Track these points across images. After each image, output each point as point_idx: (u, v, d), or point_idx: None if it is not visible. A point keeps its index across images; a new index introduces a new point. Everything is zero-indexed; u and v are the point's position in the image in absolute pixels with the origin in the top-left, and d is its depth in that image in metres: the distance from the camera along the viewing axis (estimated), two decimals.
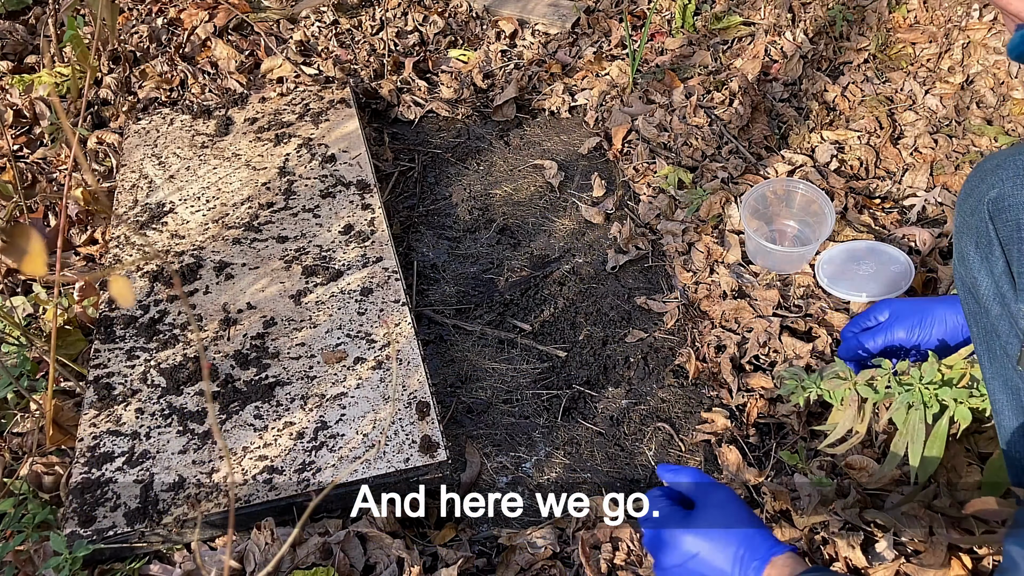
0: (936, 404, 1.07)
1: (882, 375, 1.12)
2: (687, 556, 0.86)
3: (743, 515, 0.86)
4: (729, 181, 1.74)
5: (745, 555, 0.83)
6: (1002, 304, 0.83)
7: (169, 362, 1.36)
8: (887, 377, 1.11)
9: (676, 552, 0.87)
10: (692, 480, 0.93)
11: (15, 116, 2.05)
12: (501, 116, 2.05)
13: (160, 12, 2.44)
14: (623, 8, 2.31)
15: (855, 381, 1.14)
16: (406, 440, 1.22)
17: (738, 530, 0.84)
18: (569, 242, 1.72)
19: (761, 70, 2.01)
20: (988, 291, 0.84)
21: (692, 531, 0.87)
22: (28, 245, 0.45)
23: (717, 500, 0.88)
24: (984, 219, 0.84)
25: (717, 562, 0.84)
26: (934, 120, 1.84)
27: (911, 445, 1.08)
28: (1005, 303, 0.83)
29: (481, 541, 1.22)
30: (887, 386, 1.11)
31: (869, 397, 1.12)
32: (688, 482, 0.93)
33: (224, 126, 1.93)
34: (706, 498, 0.89)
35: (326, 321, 1.42)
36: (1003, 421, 0.89)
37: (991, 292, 0.84)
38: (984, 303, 0.85)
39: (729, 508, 0.87)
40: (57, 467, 1.25)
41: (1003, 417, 0.89)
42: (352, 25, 2.34)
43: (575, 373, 1.46)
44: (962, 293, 0.91)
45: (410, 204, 1.85)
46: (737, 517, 0.86)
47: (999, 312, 0.84)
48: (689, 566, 0.86)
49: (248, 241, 1.59)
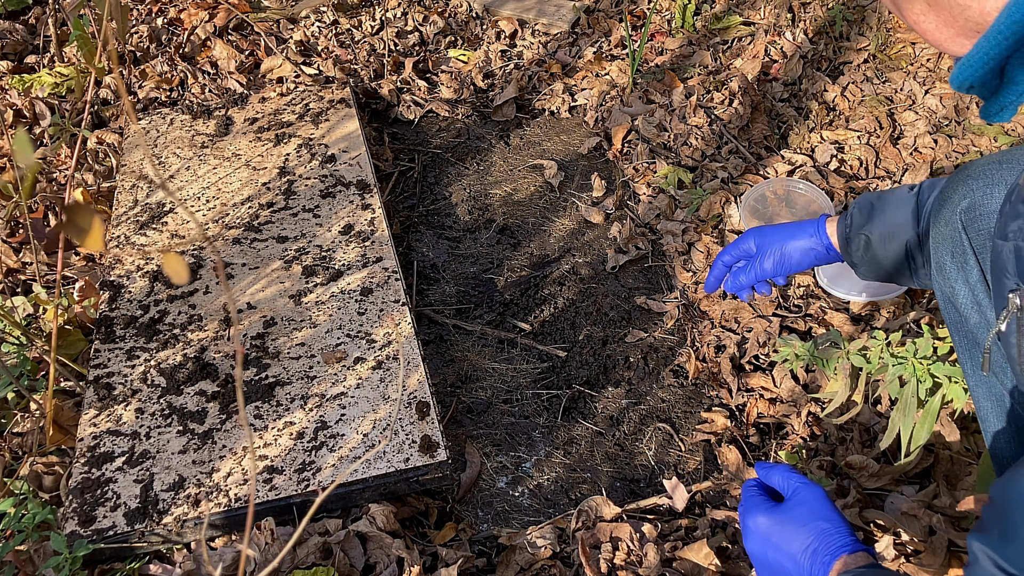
0: (929, 379, 1.08)
1: (876, 346, 1.13)
2: (766, 543, 0.91)
3: (825, 512, 0.89)
4: (729, 181, 1.74)
5: (818, 548, 0.86)
6: (980, 312, 0.85)
7: (169, 362, 1.36)
8: (880, 348, 1.12)
9: (757, 538, 0.92)
10: (783, 476, 0.96)
11: (15, 116, 2.05)
12: (501, 116, 2.05)
13: (160, 12, 2.44)
14: (623, 8, 2.31)
15: (847, 350, 1.15)
16: (406, 440, 1.22)
17: (814, 524, 0.87)
18: (569, 242, 1.72)
19: (761, 70, 2.01)
20: (966, 300, 0.86)
21: (773, 521, 0.91)
22: (87, 223, 0.46)
23: (803, 496, 0.92)
24: (958, 229, 0.85)
25: (792, 550, 0.88)
26: (934, 120, 1.84)
27: (903, 419, 1.09)
28: (982, 311, 0.84)
29: (481, 541, 1.22)
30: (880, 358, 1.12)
31: (863, 367, 1.14)
32: (779, 477, 0.97)
33: (224, 126, 1.93)
34: (794, 493, 0.93)
35: (326, 321, 1.42)
36: (989, 428, 0.91)
37: (968, 301, 0.85)
38: (963, 312, 0.87)
39: (813, 504, 0.90)
40: (57, 467, 1.25)
41: (988, 424, 0.91)
42: (352, 25, 2.34)
43: (575, 373, 1.46)
44: (942, 303, 0.93)
45: (410, 204, 1.85)
46: (819, 514, 0.89)
47: (977, 320, 0.85)
48: (768, 554, 0.90)
49: (248, 241, 1.59)
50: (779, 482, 0.97)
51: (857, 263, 1.08)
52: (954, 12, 0.58)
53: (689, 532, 1.19)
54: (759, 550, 0.92)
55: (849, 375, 1.17)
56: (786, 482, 0.96)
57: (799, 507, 0.91)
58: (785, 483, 0.96)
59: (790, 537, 0.88)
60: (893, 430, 1.13)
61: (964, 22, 0.58)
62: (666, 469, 1.31)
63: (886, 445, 1.15)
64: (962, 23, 0.59)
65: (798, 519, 0.89)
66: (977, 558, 0.66)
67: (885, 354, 1.12)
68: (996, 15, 0.55)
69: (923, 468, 1.19)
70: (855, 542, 0.86)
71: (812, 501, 0.91)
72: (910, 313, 1.40)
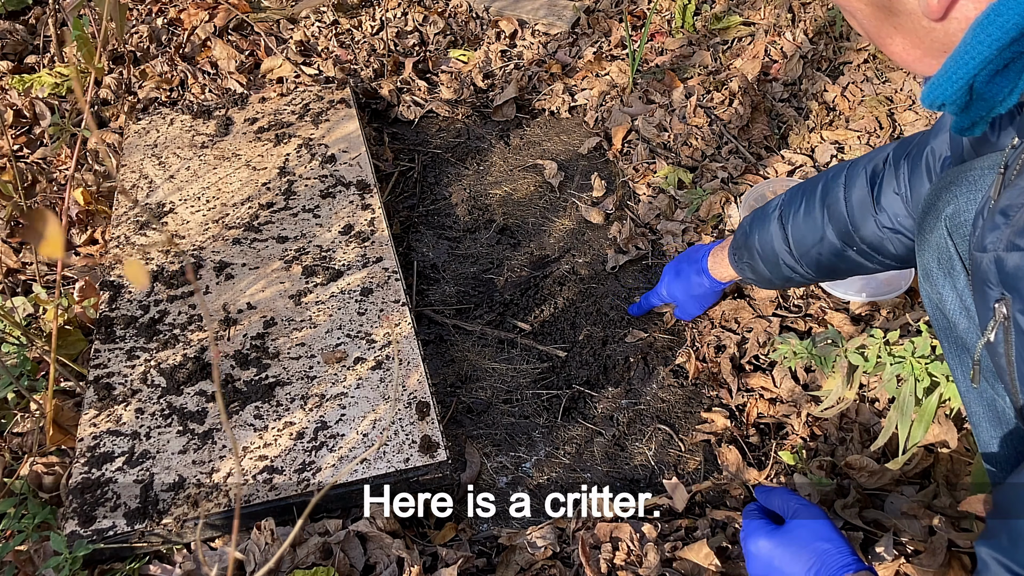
0: (927, 378, 1.08)
1: (873, 344, 1.13)
2: (768, 567, 0.92)
3: (826, 532, 0.91)
4: (729, 181, 1.74)
5: (820, 569, 0.87)
6: (968, 317, 0.85)
7: (169, 362, 1.36)
8: (878, 347, 1.13)
9: (759, 562, 0.93)
10: (782, 498, 0.98)
11: (15, 116, 2.06)
12: (501, 116, 2.05)
13: (160, 12, 2.44)
14: (623, 8, 2.31)
15: (845, 348, 1.16)
16: (406, 440, 1.22)
17: (815, 545, 0.89)
18: (569, 242, 1.72)
19: (761, 70, 2.01)
20: (954, 306, 0.86)
21: (774, 544, 0.93)
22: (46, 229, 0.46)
23: (804, 518, 0.93)
24: (943, 235, 0.86)
25: (794, 572, 0.89)
26: (934, 120, 1.84)
27: (900, 417, 1.09)
28: (971, 316, 0.85)
29: (481, 541, 1.22)
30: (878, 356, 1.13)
31: (859, 365, 1.14)
32: (779, 500, 0.98)
33: (224, 126, 1.93)
34: (794, 515, 0.94)
35: (326, 321, 1.42)
36: (981, 432, 0.92)
37: (956, 306, 0.86)
38: (951, 318, 0.88)
39: (813, 525, 0.92)
40: (57, 467, 1.25)
41: (981, 429, 0.92)
42: (352, 25, 2.34)
43: (575, 373, 1.46)
44: (930, 309, 0.93)
45: (410, 204, 1.85)
46: (819, 534, 0.90)
47: (966, 325, 0.85)
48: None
49: (248, 241, 1.59)
50: (779, 504, 0.98)
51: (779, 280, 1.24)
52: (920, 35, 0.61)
53: (689, 532, 1.19)
54: (759, 572, 0.93)
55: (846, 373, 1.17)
56: (785, 504, 0.97)
57: (799, 528, 0.92)
58: (784, 505, 0.97)
59: (792, 559, 0.89)
60: (890, 428, 1.13)
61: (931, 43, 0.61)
62: (666, 469, 1.31)
63: (882, 443, 1.16)
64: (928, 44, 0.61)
65: (799, 540, 0.90)
66: (988, 564, 0.67)
67: (883, 353, 1.12)
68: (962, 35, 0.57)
69: (923, 468, 1.19)
70: (857, 561, 0.87)
71: (812, 522, 0.92)
72: (908, 313, 1.40)
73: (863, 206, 1.08)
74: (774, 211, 1.19)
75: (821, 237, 1.13)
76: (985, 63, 0.57)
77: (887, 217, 1.06)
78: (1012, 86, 0.58)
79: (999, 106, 0.61)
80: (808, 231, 1.14)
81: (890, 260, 1.11)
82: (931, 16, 0.59)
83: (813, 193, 1.14)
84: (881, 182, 1.06)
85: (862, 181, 1.08)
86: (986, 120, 0.63)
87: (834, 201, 1.11)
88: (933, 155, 1.00)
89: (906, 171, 1.03)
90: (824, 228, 1.12)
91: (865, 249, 1.10)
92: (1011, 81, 0.58)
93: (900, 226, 1.05)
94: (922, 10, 0.59)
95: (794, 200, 1.17)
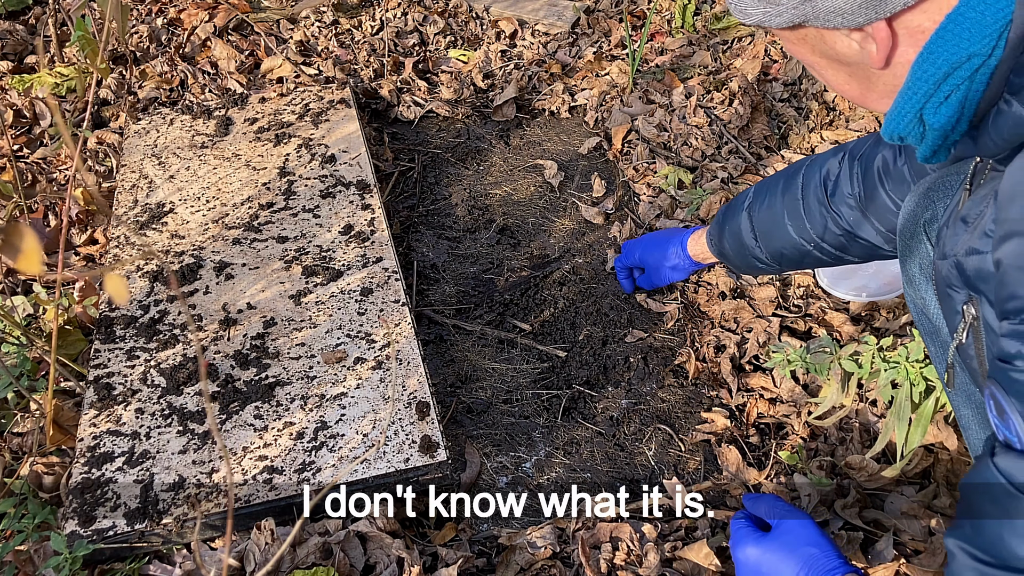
0: (922, 382, 1.08)
1: (867, 351, 1.14)
2: (756, 573, 0.93)
3: (813, 537, 0.91)
4: (729, 181, 1.74)
5: (808, 574, 0.88)
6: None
7: (169, 362, 1.36)
8: (872, 353, 1.13)
9: (748, 570, 0.94)
10: (769, 505, 0.99)
11: (15, 116, 2.06)
12: (501, 116, 2.06)
13: (160, 12, 2.44)
14: (623, 8, 2.31)
15: (839, 356, 1.16)
16: (406, 440, 1.22)
17: (803, 550, 0.90)
18: (569, 242, 1.72)
19: (761, 70, 2.01)
20: (937, 309, 0.87)
21: (762, 550, 0.93)
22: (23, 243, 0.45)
23: (790, 523, 0.94)
24: (923, 241, 0.88)
25: None
26: None
27: (897, 423, 1.09)
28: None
29: (481, 541, 1.22)
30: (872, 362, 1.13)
31: (854, 372, 1.15)
32: (766, 507, 0.99)
33: (224, 126, 1.93)
34: (781, 522, 0.95)
35: (326, 321, 1.42)
36: (971, 435, 0.93)
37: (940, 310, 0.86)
38: (935, 321, 0.89)
39: (800, 531, 0.93)
40: (57, 467, 1.25)
41: (971, 432, 0.92)
42: (352, 25, 2.34)
43: (575, 373, 1.46)
44: (915, 314, 0.94)
45: (410, 204, 1.85)
46: (807, 539, 0.91)
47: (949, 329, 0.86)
48: None
49: (248, 241, 1.59)
50: (766, 511, 0.99)
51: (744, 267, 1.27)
52: (872, 80, 0.69)
53: (689, 532, 1.19)
54: None
55: (840, 380, 1.17)
56: (772, 511, 0.98)
57: (787, 535, 0.93)
58: (771, 512, 0.98)
59: (780, 565, 0.90)
60: (887, 433, 1.13)
61: (882, 87, 0.69)
62: (666, 469, 1.31)
63: (879, 449, 1.15)
64: (880, 88, 0.69)
65: (786, 547, 0.91)
66: (954, 555, 0.69)
67: (877, 359, 1.12)
68: (905, 76, 0.65)
69: (923, 468, 1.19)
70: (844, 564, 0.88)
71: (799, 528, 0.93)
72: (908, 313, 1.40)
73: (819, 205, 1.11)
74: (744, 202, 1.22)
75: (783, 233, 1.15)
76: (927, 96, 0.63)
77: (842, 220, 1.08)
78: (958, 115, 0.64)
79: (952, 133, 0.66)
80: (772, 227, 1.17)
81: (852, 258, 1.13)
82: (876, 66, 0.66)
83: (776, 189, 1.17)
84: (836, 181, 1.09)
85: (817, 181, 1.11)
86: (945, 148, 0.68)
87: (791, 200, 1.14)
88: (884, 163, 1.03)
89: (859, 172, 1.06)
90: (786, 225, 1.15)
91: (824, 246, 1.12)
92: (955, 110, 0.63)
93: (850, 226, 1.08)
94: (868, 62, 0.67)
95: (760, 194, 1.20)
